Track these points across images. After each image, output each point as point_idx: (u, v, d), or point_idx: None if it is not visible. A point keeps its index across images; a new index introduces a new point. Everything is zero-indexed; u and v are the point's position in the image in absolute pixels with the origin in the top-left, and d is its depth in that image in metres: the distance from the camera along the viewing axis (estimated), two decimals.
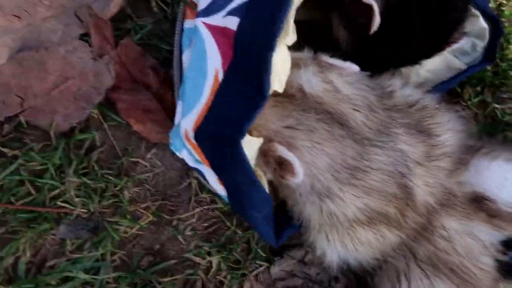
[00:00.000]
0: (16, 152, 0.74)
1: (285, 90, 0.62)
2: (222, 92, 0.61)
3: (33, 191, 0.75)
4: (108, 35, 0.75)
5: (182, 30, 0.75)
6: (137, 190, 0.83)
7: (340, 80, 0.64)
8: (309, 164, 0.62)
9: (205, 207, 0.86)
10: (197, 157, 0.65)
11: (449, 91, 0.92)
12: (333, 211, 0.64)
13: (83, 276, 0.75)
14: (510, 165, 0.69)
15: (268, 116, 0.62)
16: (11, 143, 0.74)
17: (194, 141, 0.62)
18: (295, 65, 0.63)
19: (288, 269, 0.94)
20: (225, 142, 0.57)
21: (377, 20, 0.66)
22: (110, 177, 0.79)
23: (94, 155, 0.79)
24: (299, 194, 0.65)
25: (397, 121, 0.65)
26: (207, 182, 0.69)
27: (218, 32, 0.65)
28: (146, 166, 0.83)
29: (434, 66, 0.79)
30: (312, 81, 0.63)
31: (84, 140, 0.79)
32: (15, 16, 0.71)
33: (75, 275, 0.75)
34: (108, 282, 0.79)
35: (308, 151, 0.61)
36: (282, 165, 0.62)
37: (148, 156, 0.83)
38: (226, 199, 0.69)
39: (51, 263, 0.76)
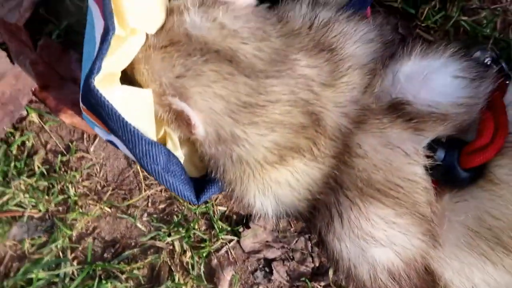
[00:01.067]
0: None
1: (172, 39, 0.58)
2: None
3: None
4: (25, 39, 0.77)
5: None
6: (87, 184, 0.82)
7: (227, 16, 0.59)
8: (206, 111, 0.57)
9: (157, 189, 0.83)
10: (100, 126, 0.63)
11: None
12: (242, 156, 0.58)
13: (43, 275, 0.76)
14: (426, 61, 0.58)
15: (160, 70, 0.58)
16: None
17: (84, 106, 0.61)
18: (179, 11, 0.60)
19: (261, 240, 0.87)
20: (90, 93, 0.54)
21: None
22: (55, 175, 0.80)
23: (38, 157, 0.81)
24: (208, 147, 0.60)
25: (295, 46, 0.59)
26: (121, 151, 0.67)
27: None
28: (91, 160, 0.83)
29: None
30: (196, 22, 0.58)
31: (25, 143, 0.81)
32: None
33: (36, 275, 0.76)
34: (71, 279, 0.79)
35: (200, 97, 0.56)
36: (183, 119, 0.58)
37: (92, 149, 0.83)
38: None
39: (13, 266, 0.78)
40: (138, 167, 0.82)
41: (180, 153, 0.67)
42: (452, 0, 0.88)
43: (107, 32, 0.53)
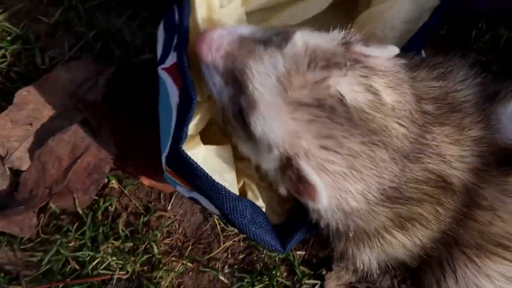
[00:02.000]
0: (55, 236, 0.82)
1: (320, 99, 0.52)
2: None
3: (76, 266, 0.81)
4: (104, 113, 0.84)
5: None
6: (168, 242, 0.85)
7: (382, 85, 0.54)
8: (340, 190, 0.54)
9: (234, 239, 0.84)
10: (183, 185, 0.66)
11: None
12: (360, 225, 0.58)
13: None
14: None
15: (301, 133, 0.52)
16: (48, 229, 0.83)
17: (169, 169, 0.64)
18: (326, 59, 0.53)
19: (345, 281, 0.85)
20: (178, 157, 0.58)
21: None
22: (138, 235, 0.83)
23: (121, 220, 0.84)
24: (324, 212, 0.58)
25: (430, 114, 0.58)
26: (204, 207, 0.69)
27: (172, 70, 0.70)
28: (170, 217, 0.86)
29: (407, 13, 0.72)
30: (355, 91, 0.52)
31: (108, 208, 0.85)
32: (28, 124, 0.84)
33: None
34: None
35: (343, 178, 0.53)
36: (303, 184, 0.54)
37: (169, 207, 0.86)
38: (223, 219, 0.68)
39: None
40: (215, 220, 0.84)
41: (261, 202, 0.69)
42: (498, 18, 0.88)
43: (191, 101, 0.56)
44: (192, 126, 0.62)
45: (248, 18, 0.74)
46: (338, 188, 0.54)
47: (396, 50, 0.57)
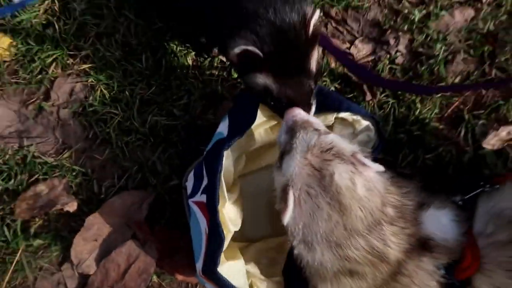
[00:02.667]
0: None
1: (321, 168, 0.84)
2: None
3: None
4: (147, 229, 1.18)
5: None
6: None
7: (361, 183, 0.84)
8: (304, 223, 0.83)
9: None
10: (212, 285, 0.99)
11: None
12: (320, 261, 0.87)
13: None
14: (440, 211, 0.94)
15: (301, 177, 0.84)
16: None
17: (203, 275, 0.98)
18: (337, 152, 0.86)
19: None
20: (214, 275, 0.91)
21: None
22: None
23: None
24: (294, 239, 0.87)
25: (387, 216, 0.88)
26: None
27: (200, 204, 1.04)
28: None
29: None
30: (342, 175, 0.82)
31: None
32: (94, 240, 1.16)
33: None
34: None
35: (309, 216, 0.83)
36: (284, 202, 0.83)
37: None
38: None
39: None
40: None
41: None
42: (417, 144, 1.28)
43: (220, 238, 0.90)
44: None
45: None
46: (302, 219, 0.82)
47: (382, 168, 0.89)
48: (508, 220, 0.86)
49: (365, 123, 1.09)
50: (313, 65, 0.94)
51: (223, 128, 1.10)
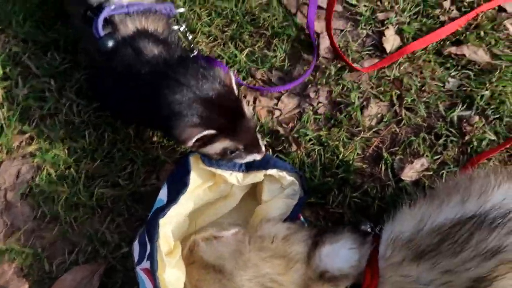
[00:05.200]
0: None
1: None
2: None
3: None
4: None
5: None
6: None
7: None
8: None
9: None
10: None
11: None
12: None
13: None
14: (336, 244, 1.04)
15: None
16: None
17: None
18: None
19: None
20: None
21: None
22: None
23: None
24: None
25: (264, 258, 1.02)
26: None
27: (146, 271, 1.08)
28: None
29: (281, 209, 1.20)
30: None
31: None
32: None
33: None
34: None
35: None
36: None
37: None
38: None
39: None
40: None
41: None
42: (345, 184, 1.39)
43: None
44: None
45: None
46: None
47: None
48: (402, 243, 0.96)
49: (290, 178, 1.19)
50: (246, 109, 1.07)
51: (162, 194, 1.16)
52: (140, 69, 1.08)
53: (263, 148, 1.12)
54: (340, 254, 1.03)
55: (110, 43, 1.12)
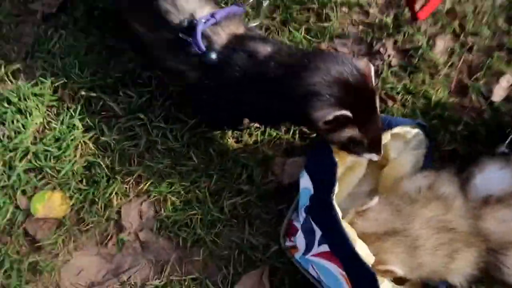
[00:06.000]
0: None
1: None
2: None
3: None
4: None
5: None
6: None
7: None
8: None
9: None
10: None
11: None
12: None
13: None
14: (484, 172, 1.11)
15: None
16: None
17: None
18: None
19: None
20: None
21: None
22: None
23: None
24: None
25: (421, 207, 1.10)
26: None
27: (323, 255, 1.12)
28: None
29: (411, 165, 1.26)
30: None
31: None
32: None
33: None
34: None
35: None
36: None
37: None
38: None
39: None
40: None
41: None
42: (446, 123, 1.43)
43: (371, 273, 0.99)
44: None
45: None
46: None
47: None
48: None
49: (414, 130, 1.24)
50: (378, 104, 1.08)
51: (305, 183, 1.20)
52: (259, 68, 1.09)
53: (382, 151, 1.13)
54: (493, 177, 1.10)
55: (213, 56, 1.13)
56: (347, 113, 1.03)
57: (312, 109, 1.03)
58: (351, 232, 1.03)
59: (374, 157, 1.12)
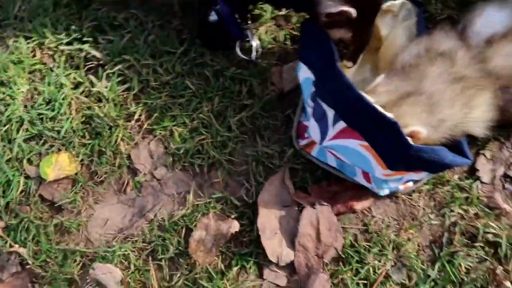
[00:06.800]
0: None
1: None
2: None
3: None
4: (304, 195, 1.25)
5: None
6: None
7: None
8: None
9: None
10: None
11: None
12: None
13: None
14: (481, 16, 1.11)
15: None
16: None
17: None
18: None
19: None
20: None
21: None
22: None
23: None
24: None
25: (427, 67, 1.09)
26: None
27: (340, 134, 1.10)
28: None
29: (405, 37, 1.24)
30: None
31: None
32: (275, 233, 1.22)
33: None
34: None
35: None
36: None
37: None
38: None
39: None
40: None
41: None
42: None
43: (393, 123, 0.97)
44: None
45: None
46: None
47: None
48: None
49: (399, 1, 1.21)
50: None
51: (305, 74, 1.18)
52: None
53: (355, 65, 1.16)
54: (494, 18, 1.08)
55: None
56: (353, 11, 1.02)
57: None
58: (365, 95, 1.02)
59: (348, 64, 1.16)
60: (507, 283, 1.11)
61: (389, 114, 0.99)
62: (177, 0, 1.43)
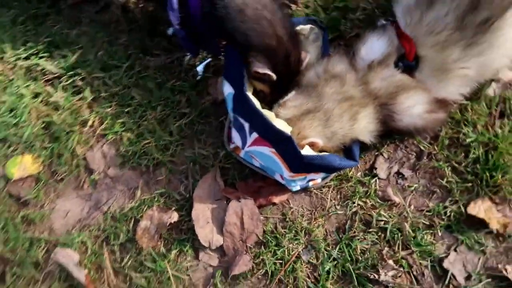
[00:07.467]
0: None
1: None
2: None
3: None
4: (231, 190, 1.50)
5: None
6: None
7: None
8: None
9: None
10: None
11: None
12: None
13: None
14: (366, 44, 1.33)
15: None
16: None
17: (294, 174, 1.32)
18: None
19: None
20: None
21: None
22: None
23: None
24: None
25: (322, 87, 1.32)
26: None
27: (256, 142, 1.33)
28: None
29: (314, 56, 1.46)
30: None
31: None
32: (207, 223, 1.46)
33: None
34: None
35: None
36: None
37: None
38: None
39: None
40: None
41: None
42: (347, 12, 1.62)
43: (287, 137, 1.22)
44: None
45: None
46: None
47: None
48: (413, 6, 1.24)
49: (307, 26, 1.43)
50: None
51: (228, 89, 1.39)
52: None
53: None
54: (374, 46, 1.30)
55: None
56: (273, 75, 1.29)
57: (257, 58, 1.28)
58: (268, 113, 1.25)
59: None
60: (390, 261, 1.39)
61: (287, 130, 1.23)
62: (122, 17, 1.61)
